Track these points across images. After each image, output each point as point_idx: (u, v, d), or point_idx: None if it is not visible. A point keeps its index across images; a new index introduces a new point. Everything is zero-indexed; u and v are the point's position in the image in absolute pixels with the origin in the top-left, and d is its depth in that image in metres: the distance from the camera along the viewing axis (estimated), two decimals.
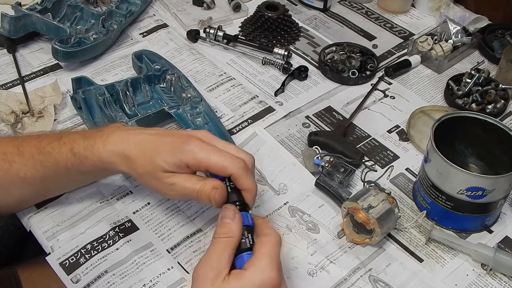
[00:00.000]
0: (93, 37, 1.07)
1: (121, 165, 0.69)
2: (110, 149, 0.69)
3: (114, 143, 0.69)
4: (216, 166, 0.65)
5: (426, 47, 1.12)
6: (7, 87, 1.01)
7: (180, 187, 0.66)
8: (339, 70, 1.06)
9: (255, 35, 1.16)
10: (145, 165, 0.67)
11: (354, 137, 0.95)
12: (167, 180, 0.66)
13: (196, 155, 0.65)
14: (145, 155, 0.67)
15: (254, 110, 0.99)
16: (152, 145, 0.68)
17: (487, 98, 0.99)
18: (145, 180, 0.69)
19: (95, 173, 0.74)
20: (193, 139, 0.66)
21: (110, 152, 0.69)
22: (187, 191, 0.66)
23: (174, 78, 0.98)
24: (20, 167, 0.70)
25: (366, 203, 0.74)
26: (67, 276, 0.72)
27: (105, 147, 0.69)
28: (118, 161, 0.68)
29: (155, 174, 0.66)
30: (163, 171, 0.66)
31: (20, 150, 0.71)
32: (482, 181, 0.73)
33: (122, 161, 0.68)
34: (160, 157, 0.66)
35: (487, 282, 0.75)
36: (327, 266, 0.76)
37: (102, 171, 0.73)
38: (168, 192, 0.68)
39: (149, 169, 0.67)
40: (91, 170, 0.71)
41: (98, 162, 0.69)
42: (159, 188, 0.68)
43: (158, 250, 0.76)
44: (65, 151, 0.70)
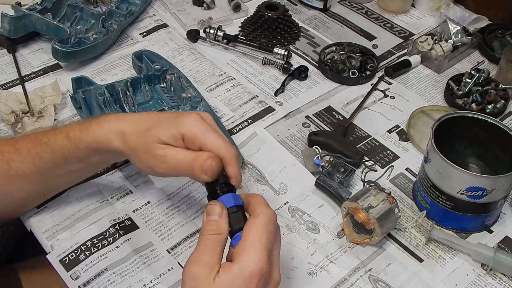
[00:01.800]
0: (93, 37, 1.07)
1: (115, 142, 0.68)
2: (106, 128, 0.68)
3: (110, 122, 0.69)
4: (211, 144, 0.64)
5: (426, 47, 1.12)
6: (7, 87, 1.01)
7: (172, 159, 0.65)
8: (339, 70, 1.06)
9: (255, 35, 1.16)
10: (139, 138, 0.66)
11: (354, 137, 0.95)
12: (159, 152, 0.65)
13: (194, 129, 0.65)
14: (140, 129, 0.67)
15: (254, 110, 0.99)
16: (149, 120, 0.68)
17: (487, 98, 0.99)
18: (139, 156, 0.67)
19: (91, 157, 0.72)
20: (194, 114, 0.67)
21: (105, 130, 0.68)
22: (179, 162, 0.65)
23: (174, 78, 0.98)
24: (18, 165, 0.70)
25: (366, 203, 0.74)
26: (67, 273, 0.72)
27: (100, 127, 0.69)
28: (112, 137, 0.68)
29: (148, 147, 0.65)
30: (157, 142, 0.65)
31: (17, 147, 0.71)
32: (482, 181, 0.73)
33: (116, 137, 0.68)
34: (157, 129, 0.66)
35: (487, 282, 0.75)
36: (327, 266, 0.76)
37: (97, 152, 0.71)
38: (159, 165, 0.66)
39: (143, 142, 0.66)
40: (87, 153, 0.70)
41: (93, 142, 0.69)
42: (150, 162, 0.66)
43: (158, 250, 0.76)
44: (60, 138, 0.70)
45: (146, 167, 0.68)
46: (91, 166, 0.75)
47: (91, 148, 0.69)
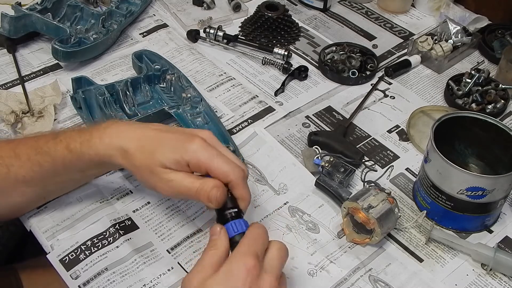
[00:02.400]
0: (93, 37, 1.07)
1: (118, 158, 0.67)
2: (108, 143, 0.67)
3: (111, 136, 0.68)
4: (217, 170, 0.64)
5: (426, 47, 1.12)
6: (7, 87, 1.01)
7: (178, 185, 0.65)
8: (339, 70, 1.06)
9: (255, 35, 1.16)
10: (144, 159, 0.66)
11: (354, 137, 0.95)
12: (165, 176, 0.65)
13: (199, 156, 0.64)
14: (144, 150, 0.66)
15: (254, 110, 0.99)
16: (152, 140, 0.67)
17: (487, 98, 0.99)
18: (142, 175, 0.67)
19: (92, 169, 0.73)
20: (197, 138, 0.65)
21: (107, 145, 0.67)
22: (185, 189, 0.65)
23: (174, 78, 0.98)
24: (18, 170, 0.70)
25: (366, 203, 0.74)
26: (67, 272, 0.72)
27: (102, 141, 0.68)
28: (115, 154, 0.67)
29: (153, 169, 0.65)
30: (162, 167, 0.65)
31: (17, 152, 0.71)
32: (482, 181, 0.73)
33: (119, 154, 0.67)
34: (161, 153, 0.65)
35: (487, 282, 0.75)
36: (327, 266, 0.76)
37: (99, 165, 0.71)
38: (165, 188, 0.66)
39: (147, 163, 0.65)
40: (88, 165, 0.70)
41: (94, 156, 0.68)
42: (156, 183, 0.66)
43: (158, 250, 0.76)
44: (61, 149, 0.69)
45: (149, 186, 0.68)
46: (92, 175, 0.77)
47: (92, 161, 0.69)
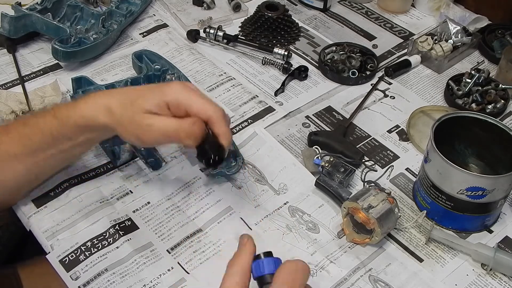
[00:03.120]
0: (93, 37, 1.07)
1: (101, 116, 0.69)
2: (92, 104, 0.70)
3: (96, 97, 0.71)
4: (196, 106, 0.67)
5: (426, 47, 1.12)
6: (7, 87, 1.01)
7: (158, 127, 0.67)
8: (339, 70, 1.06)
9: (255, 35, 1.16)
10: (125, 110, 0.68)
11: (354, 137, 0.95)
12: (145, 121, 0.67)
13: (178, 95, 0.68)
14: (125, 101, 0.69)
15: (254, 110, 0.99)
16: (133, 92, 0.71)
17: (487, 98, 0.99)
18: (125, 127, 0.69)
19: (78, 135, 0.73)
20: (175, 82, 0.69)
21: (92, 106, 0.70)
22: (164, 129, 0.67)
23: (174, 78, 0.98)
24: (8, 147, 0.72)
25: (366, 203, 0.74)
26: (67, 273, 0.72)
27: (86, 103, 0.71)
28: (99, 113, 0.69)
29: (134, 117, 0.68)
30: (143, 112, 0.67)
31: (6, 129, 0.74)
32: (482, 181, 0.73)
33: (103, 112, 0.69)
34: (142, 99, 0.68)
35: (487, 282, 0.75)
36: (327, 266, 0.76)
37: (85, 130, 0.72)
38: (146, 134, 0.68)
39: (128, 113, 0.68)
40: (74, 131, 0.71)
41: (80, 119, 0.70)
42: (137, 131, 0.68)
43: (158, 250, 0.76)
44: (48, 117, 0.72)
45: (134, 137, 0.70)
46: (80, 145, 0.75)
47: (78, 125, 0.71)
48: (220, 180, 0.86)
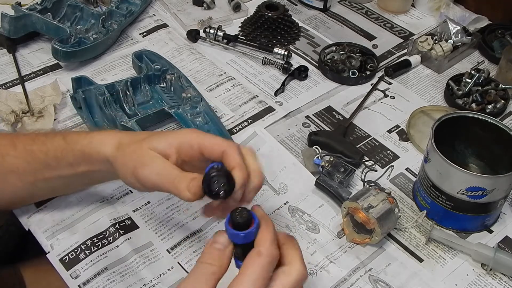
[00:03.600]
0: (93, 37, 1.07)
1: (108, 147, 0.66)
2: (105, 134, 0.68)
3: (111, 131, 0.70)
4: (209, 141, 0.62)
5: (426, 47, 1.12)
6: (7, 86, 1.01)
7: (158, 166, 0.62)
8: (339, 70, 1.06)
9: (255, 35, 1.16)
10: (133, 144, 0.65)
11: (354, 137, 0.95)
12: (147, 155, 0.63)
13: (190, 136, 0.64)
14: (137, 138, 0.66)
15: (254, 110, 0.99)
16: (149, 132, 0.69)
17: (487, 98, 1.00)
18: (124, 158, 0.65)
19: (81, 164, 0.70)
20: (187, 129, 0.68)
21: (104, 136, 0.68)
22: (165, 172, 0.61)
23: (174, 78, 0.98)
24: (12, 160, 0.71)
25: (366, 203, 0.74)
26: (67, 272, 0.72)
27: (100, 133, 0.69)
28: (107, 143, 0.67)
29: (137, 149, 0.64)
30: (149, 147, 0.63)
31: (14, 142, 0.72)
32: (482, 181, 0.73)
33: (111, 143, 0.66)
34: (152, 137, 0.65)
35: (487, 282, 0.75)
36: (327, 266, 0.76)
37: (88, 160, 0.68)
38: (144, 169, 0.63)
39: (135, 146, 0.64)
40: (78, 158, 0.69)
41: (87, 144, 0.68)
42: (135, 164, 0.63)
43: (158, 250, 0.76)
44: (58, 138, 0.70)
45: (130, 171, 0.64)
46: (79, 177, 0.72)
47: (83, 152, 0.68)
48: None
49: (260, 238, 0.56)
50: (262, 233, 0.56)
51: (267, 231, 0.57)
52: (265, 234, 0.56)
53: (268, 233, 0.56)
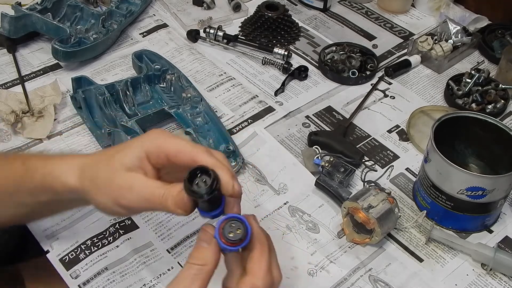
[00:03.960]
0: (93, 37, 1.07)
1: (72, 177, 0.59)
2: (65, 161, 0.61)
3: (72, 157, 0.62)
4: (175, 149, 0.56)
5: (426, 47, 1.12)
6: (7, 86, 1.01)
7: (140, 189, 0.56)
8: (339, 70, 1.06)
9: (255, 35, 1.16)
10: (101, 166, 0.59)
11: (354, 137, 0.95)
12: (125, 181, 0.57)
13: (156, 140, 0.58)
14: (101, 158, 0.60)
15: (254, 110, 0.99)
16: (113, 148, 0.61)
17: (487, 98, 0.99)
18: (97, 187, 0.58)
19: (41, 194, 0.63)
20: (153, 130, 0.61)
21: (64, 164, 0.61)
22: (149, 194, 0.56)
23: (174, 78, 0.98)
24: None
25: (366, 203, 0.74)
26: (67, 272, 0.73)
27: (61, 159, 0.62)
28: (70, 172, 0.60)
29: (111, 176, 0.57)
30: (123, 169, 0.57)
31: None
32: (482, 181, 0.73)
33: (74, 171, 0.60)
34: (119, 153, 0.58)
35: (487, 282, 0.75)
36: (327, 266, 0.76)
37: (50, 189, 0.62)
38: (125, 195, 0.57)
39: (105, 170, 0.58)
40: (38, 187, 0.62)
41: (48, 175, 0.61)
42: (114, 195, 0.57)
43: (158, 249, 0.76)
44: (17, 163, 0.64)
45: (110, 202, 0.58)
46: (41, 207, 0.66)
47: (44, 182, 0.61)
48: None
49: (254, 265, 0.54)
50: (256, 259, 0.54)
51: (262, 257, 0.54)
52: (260, 261, 0.54)
53: (263, 261, 0.54)
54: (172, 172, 0.60)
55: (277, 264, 0.57)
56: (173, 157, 0.57)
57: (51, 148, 0.90)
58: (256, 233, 0.55)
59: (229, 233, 0.53)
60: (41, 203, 0.64)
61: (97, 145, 0.90)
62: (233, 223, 0.54)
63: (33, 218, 0.73)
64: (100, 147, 0.89)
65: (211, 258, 0.53)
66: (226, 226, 0.53)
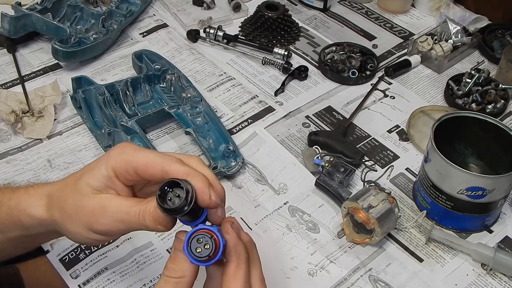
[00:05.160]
0: (93, 37, 1.07)
1: (39, 208, 0.56)
2: (32, 192, 0.58)
3: (38, 186, 0.59)
4: (143, 163, 0.52)
5: (426, 47, 1.12)
6: (7, 86, 1.01)
7: (114, 211, 0.52)
8: (339, 70, 1.06)
9: (255, 35, 1.16)
10: (68, 193, 0.55)
11: (354, 137, 0.95)
12: (96, 204, 0.53)
13: (122, 156, 0.53)
14: (68, 183, 0.56)
15: (254, 110, 0.99)
16: (80, 170, 0.57)
17: (487, 98, 0.99)
18: (68, 215, 0.55)
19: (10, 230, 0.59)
20: (117, 145, 0.56)
21: (31, 194, 0.57)
22: (124, 213, 0.52)
23: (174, 78, 0.98)
24: None
25: (366, 203, 0.74)
26: (66, 272, 0.73)
27: (26, 191, 0.58)
28: (37, 203, 0.56)
29: (81, 201, 0.53)
30: (91, 192, 0.53)
31: None
32: (482, 181, 0.73)
33: (41, 202, 0.56)
34: (86, 174, 0.54)
35: (487, 282, 0.75)
36: (327, 266, 0.76)
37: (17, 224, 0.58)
38: (99, 220, 0.53)
39: (73, 197, 0.54)
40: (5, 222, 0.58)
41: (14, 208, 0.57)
42: (87, 220, 0.53)
43: (158, 249, 0.76)
44: None
45: (84, 228, 0.54)
46: (13, 243, 0.61)
47: (11, 216, 0.58)
48: (220, 180, 0.86)
49: (227, 280, 0.50)
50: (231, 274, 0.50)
51: (238, 272, 0.50)
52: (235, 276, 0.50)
53: (238, 276, 0.50)
54: (146, 187, 0.57)
55: (260, 277, 0.53)
56: (142, 171, 0.53)
57: (51, 148, 0.90)
58: (232, 245, 0.51)
59: (196, 249, 0.48)
60: (11, 239, 0.60)
61: (97, 145, 0.90)
62: (201, 237, 0.48)
63: (5, 255, 0.66)
64: (100, 147, 0.89)
65: (189, 269, 0.49)
66: (194, 241, 0.48)
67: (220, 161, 0.86)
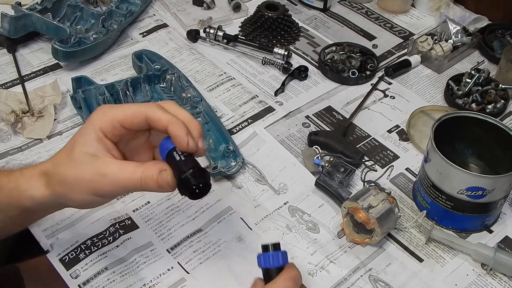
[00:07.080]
0: (93, 37, 1.07)
1: (39, 188, 0.59)
2: (28, 174, 0.60)
3: (33, 167, 0.61)
4: (126, 113, 0.57)
5: (426, 47, 1.12)
6: (7, 86, 1.01)
7: (117, 178, 0.56)
8: (339, 70, 1.06)
9: (255, 35, 1.16)
10: (66, 165, 0.57)
11: (354, 137, 0.95)
12: (96, 172, 0.56)
13: (106, 115, 0.57)
14: (61, 156, 0.59)
15: (254, 110, 0.99)
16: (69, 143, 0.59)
17: (487, 98, 1.00)
18: (70, 186, 0.57)
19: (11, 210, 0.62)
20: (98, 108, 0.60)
21: (28, 176, 0.60)
22: (126, 180, 0.56)
23: (174, 78, 0.98)
24: None
25: (366, 203, 0.74)
26: (67, 272, 0.72)
27: (22, 173, 0.61)
28: (35, 183, 0.59)
29: (80, 172, 0.56)
30: (86, 159, 0.56)
31: None
32: (482, 181, 0.73)
33: (40, 181, 0.59)
34: (77, 143, 0.57)
35: (487, 282, 0.75)
36: (327, 266, 0.76)
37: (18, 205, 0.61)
38: (105, 188, 0.57)
39: (71, 167, 0.57)
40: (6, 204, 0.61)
41: (14, 190, 0.59)
42: (90, 185, 0.57)
43: (158, 249, 0.76)
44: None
45: (86, 194, 0.57)
46: (13, 221, 0.64)
47: (11, 198, 0.60)
48: (220, 180, 0.86)
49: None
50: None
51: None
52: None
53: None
54: (130, 142, 0.61)
55: None
56: (129, 123, 0.57)
57: (51, 148, 0.90)
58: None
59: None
60: (12, 218, 0.63)
61: None
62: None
63: (5, 233, 0.68)
64: None
65: None
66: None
67: (220, 161, 0.86)
